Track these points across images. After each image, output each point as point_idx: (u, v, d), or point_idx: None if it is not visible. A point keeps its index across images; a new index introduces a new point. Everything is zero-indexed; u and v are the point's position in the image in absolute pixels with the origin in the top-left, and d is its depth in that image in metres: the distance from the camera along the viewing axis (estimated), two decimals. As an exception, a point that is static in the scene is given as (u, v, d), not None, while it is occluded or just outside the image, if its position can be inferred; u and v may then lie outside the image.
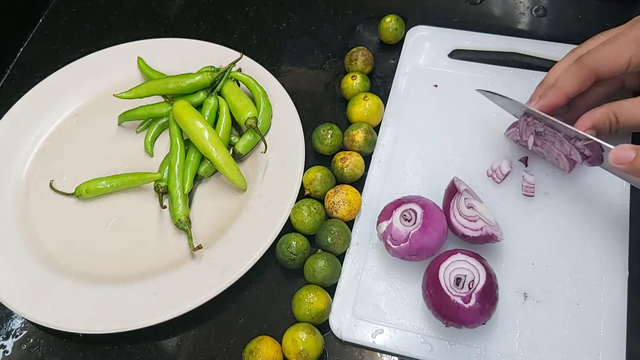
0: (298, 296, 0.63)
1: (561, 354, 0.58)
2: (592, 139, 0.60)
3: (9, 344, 0.67)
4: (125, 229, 0.72)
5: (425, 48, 0.81)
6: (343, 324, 0.62)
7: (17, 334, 0.68)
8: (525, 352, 0.59)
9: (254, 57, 0.81)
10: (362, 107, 0.74)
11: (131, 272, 0.68)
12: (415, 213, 0.61)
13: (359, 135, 0.72)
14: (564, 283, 0.62)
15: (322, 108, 0.80)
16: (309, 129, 0.75)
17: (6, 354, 0.66)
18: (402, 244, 0.60)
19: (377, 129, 0.75)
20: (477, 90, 0.69)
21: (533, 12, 0.84)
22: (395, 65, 0.80)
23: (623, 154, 0.57)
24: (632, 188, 0.66)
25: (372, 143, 0.73)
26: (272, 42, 0.88)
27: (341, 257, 0.66)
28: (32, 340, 0.67)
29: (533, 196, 0.67)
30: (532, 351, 0.59)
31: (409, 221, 0.61)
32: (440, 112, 0.75)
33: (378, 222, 0.63)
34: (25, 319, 0.68)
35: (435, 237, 0.60)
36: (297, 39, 0.88)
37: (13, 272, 0.68)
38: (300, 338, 0.60)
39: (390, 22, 0.82)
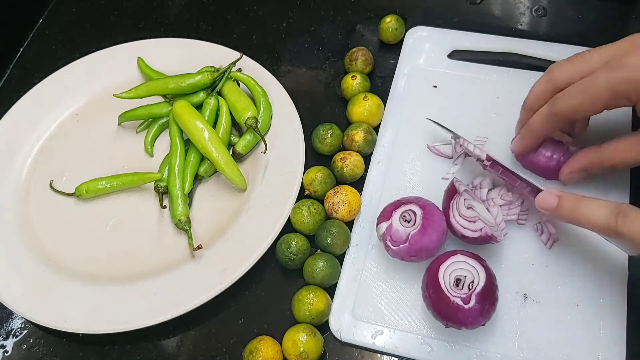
0: (298, 297, 0.63)
1: (561, 354, 0.58)
2: (531, 183, 0.62)
3: (9, 344, 0.67)
4: (125, 229, 0.72)
5: (425, 49, 0.81)
6: (343, 325, 0.62)
7: (17, 334, 0.68)
8: (525, 352, 0.59)
9: (254, 57, 0.81)
10: (362, 107, 0.74)
11: (131, 272, 0.68)
12: (415, 214, 0.61)
13: (358, 135, 0.72)
14: (563, 284, 0.62)
15: (322, 108, 0.80)
16: (309, 129, 0.75)
17: (6, 354, 0.66)
18: (401, 245, 0.60)
19: (377, 129, 0.75)
20: (428, 119, 0.72)
21: (533, 12, 0.84)
22: (395, 66, 0.80)
23: (546, 200, 0.58)
24: (632, 189, 0.66)
25: (371, 143, 0.73)
26: (272, 42, 0.88)
27: (341, 258, 0.66)
28: (32, 340, 0.67)
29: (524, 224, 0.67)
30: (532, 352, 0.59)
31: (409, 222, 0.61)
32: (440, 113, 0.75)
33: (377, 223, 0.63)
34: (25, 319, 0.68)
35: (435, 238, 0.60)
36: (297, 39, 0.88)
37: (13, 272, 0.68)
38: (300, 339, 0.60)
39: (390, 22, 0.82)
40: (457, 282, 0.56)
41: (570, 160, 0.64)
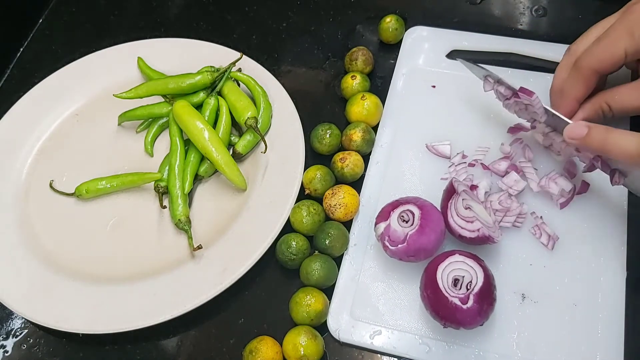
0: (295, 300, 0.63)
1: (559, 354, 0.59)
2: (554, 113, 0.62)
3: (9, 344, 0.67)
4: (125, 229, 0.73)
5: (424, 48, 0.81)
6: (341, 325, 0.62)
7: (17, 334, 0.68)
8: (523, 353, 0.59)
9: (254, 57, 0.81)
10: (361, 106, 0.74)
11: (131, 272, 0.68)
12: (413, 214, 0.61)
13: (356, 135, 0.72)
14: (562, 284, 0.62)
15: (322, 108, 0.80)
16: (308, 129, 0.75)
17: (6, 354, 0.66)
18: (399, 245, 0.60)
19: (376, 129, 0.75)
20: (459, 59, 0.71)
21: (533, 12, 0.84)
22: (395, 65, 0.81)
23: (576, 130, 0.59)
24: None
25: (370, 142, 0.73)
26: (272, 42, 0.88)
27: (339, 258, 0.67)
28: (32, 340, 0.67)
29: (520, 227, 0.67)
30: (530, 352, 0.59)
31: (407, 222, 0.61)
32: (439, 113, 0.75)
33: (376, 223, 0.63)
34: (25, 319, 0.68)
35: (433, 239, 0.60)
36: (297, 39, 0.88)
37: (13, 272, 0.68)
38: (301, 343, 0.59)
39: (390, 22, 0.82)
40: (455, 282, 0.56)
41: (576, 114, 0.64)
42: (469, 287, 0.56)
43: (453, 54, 0.80)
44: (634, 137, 0.55)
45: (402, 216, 0.61)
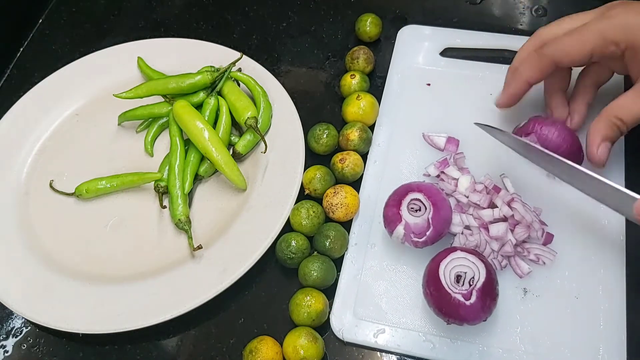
0: (295, 301, 0.62)
1: (562, 347, 0.59)
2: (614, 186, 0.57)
3: (9, 344, 0.67)
4: (125, 229, 0.72)
5: (417, 47, 0.81)
6: (344, 325, 0.62)
7: (17, 334, 0.67)
8: (527, 346, 0.59)
9: (254, 57, 0.81)
10: (357, 106, 0.74)
11: (131, 272, 0.68)
12: (419, 199, 0.61)
13: (353, 134, 0.72)
14: (563, 277, 0.62)
15: (322, 108, 0.80)
16: (309, 128, 0.75)
17: (6, 354, 0.66)
18: (427, 233, 0.60)
19: (373, 127, 0.75)
20: (476, 124, 0.67)
21: (533, 12, 0.85)
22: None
23: None
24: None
25: (367, 141, 0.72)
26: (272, 42, 0.88)
27: (340, 258, 0.66)
28: (32, 340, 0.67)
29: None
30: (534, 346, 0.59)
31: (419, 210, 0.61)
32: (434, 110, 0.75)
33: (391, 231, 0.62)
34: (25, 319, 0.68)
35: (447, 206, 0.61)
36: (297, 39, 0.88)
37: (13, 272, 0.68)
38: (301, 344, 0.59)
39: (367, 21, 0.82)
40: (458, 278, 0.56)
41: (590, 136, 0.61)
42: (471, 283, 0.56)
43: (447, 52, 0.80)
44: None
45: (412, 208, 0.61)
